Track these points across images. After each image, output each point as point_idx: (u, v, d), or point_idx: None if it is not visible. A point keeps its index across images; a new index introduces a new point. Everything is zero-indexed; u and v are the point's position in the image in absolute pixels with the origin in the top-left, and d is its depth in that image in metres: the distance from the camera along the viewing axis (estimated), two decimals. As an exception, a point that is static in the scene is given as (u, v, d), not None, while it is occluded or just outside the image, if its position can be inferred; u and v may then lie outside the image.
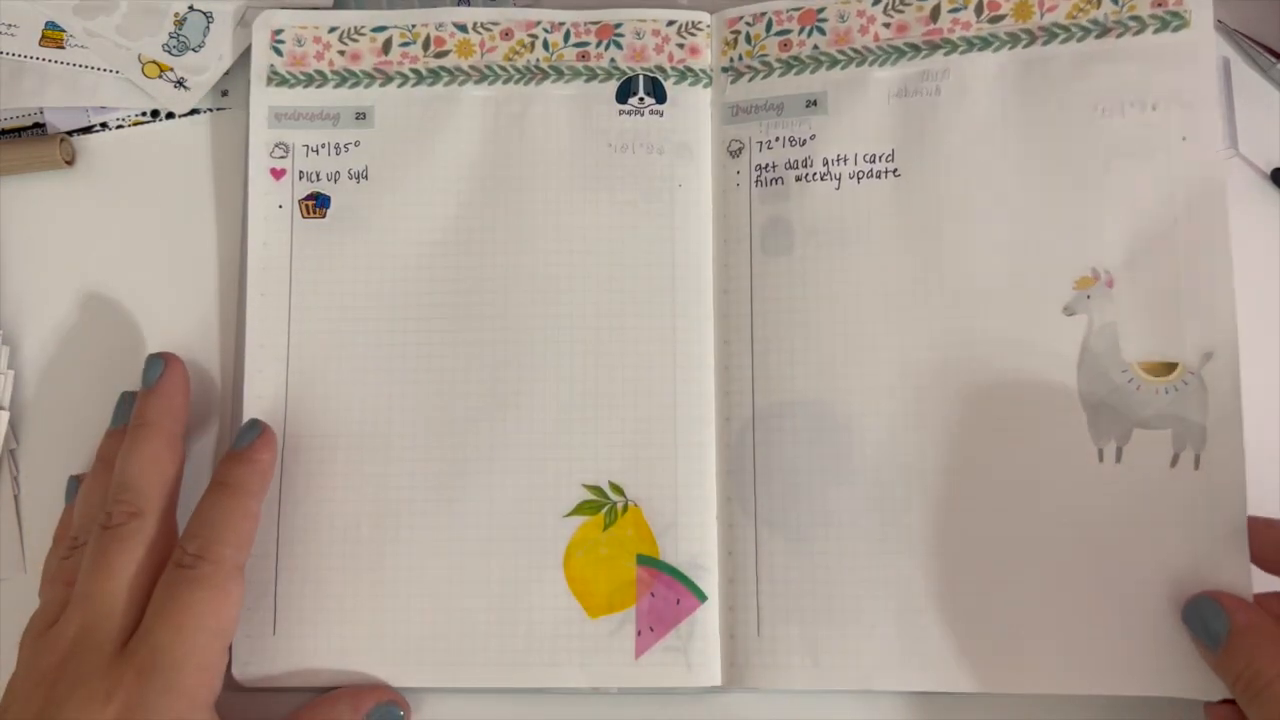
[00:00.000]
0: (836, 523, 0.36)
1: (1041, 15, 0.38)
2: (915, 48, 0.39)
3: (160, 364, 0.36)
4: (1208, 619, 0.32)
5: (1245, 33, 0.41)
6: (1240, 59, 0.41)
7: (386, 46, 0.40)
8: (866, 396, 0.37)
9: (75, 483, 0.37)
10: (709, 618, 0.36)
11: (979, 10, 0.39)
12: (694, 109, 0.40)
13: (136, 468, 0.34)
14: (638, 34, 0.40)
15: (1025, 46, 0.38)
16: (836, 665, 0.35)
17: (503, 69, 0.40)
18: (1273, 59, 0.40)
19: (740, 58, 0.40)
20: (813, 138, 0.39)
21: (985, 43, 0.38)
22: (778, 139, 0.39)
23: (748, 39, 0.40)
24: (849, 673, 0.35)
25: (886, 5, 0.39)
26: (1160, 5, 0.37)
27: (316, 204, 0.39)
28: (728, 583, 0.37)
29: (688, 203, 0.39)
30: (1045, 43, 0.38)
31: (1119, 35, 0.37)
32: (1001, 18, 0.38)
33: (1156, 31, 0.37)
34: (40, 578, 0.36)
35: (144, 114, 0.42)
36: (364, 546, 0.37)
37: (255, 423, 0.36)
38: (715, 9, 0.41)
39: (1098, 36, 0.38)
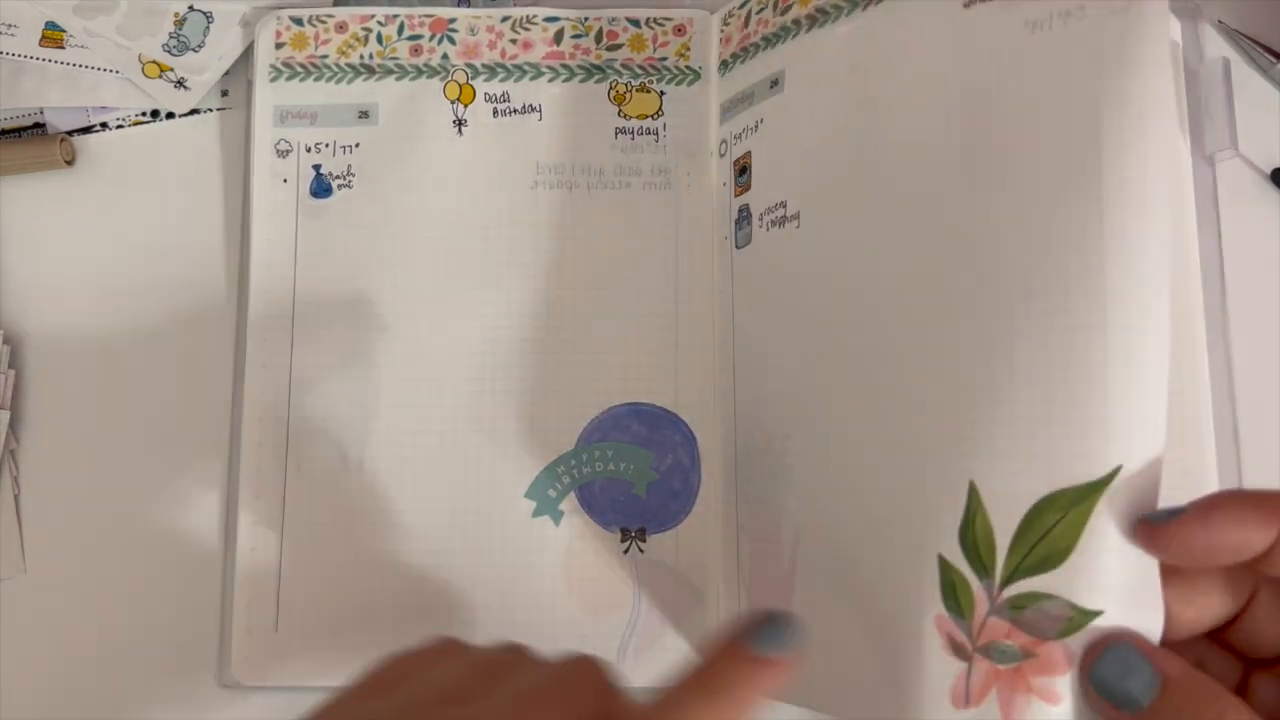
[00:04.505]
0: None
1: None
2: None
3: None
4: (1130, 676, 0.23)
5: (1245, 33, 0.41)
6: (1240, 59, 0.41)
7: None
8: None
9: None
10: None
11: None
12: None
13: None
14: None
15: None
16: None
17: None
18: (1273, 59, 0.40)
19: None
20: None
21: None
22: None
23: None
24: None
25: None
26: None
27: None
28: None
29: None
30: None
31: None
32: None
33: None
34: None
35: (144, 114, 0.42)
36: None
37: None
38: (715, 8, 0.41)
39: None
